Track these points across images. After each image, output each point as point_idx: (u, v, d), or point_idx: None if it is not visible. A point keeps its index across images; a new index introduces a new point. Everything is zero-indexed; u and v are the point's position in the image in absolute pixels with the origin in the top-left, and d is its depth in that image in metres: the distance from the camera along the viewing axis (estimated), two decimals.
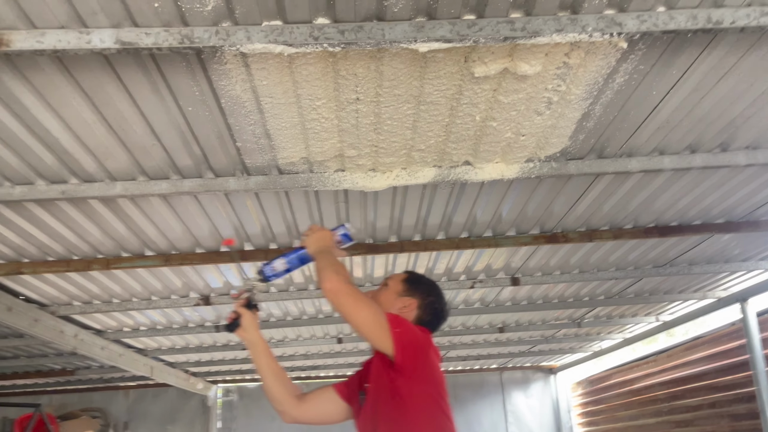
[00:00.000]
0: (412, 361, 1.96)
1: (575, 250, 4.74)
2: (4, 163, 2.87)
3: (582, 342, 8.70)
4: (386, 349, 1.95)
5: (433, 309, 2.26)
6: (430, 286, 2.32)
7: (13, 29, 2.02)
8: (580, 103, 2.71)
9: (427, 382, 2.01)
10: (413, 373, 1.97)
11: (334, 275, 1.98)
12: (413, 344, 2.00)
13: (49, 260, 4.11)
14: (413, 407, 1.94)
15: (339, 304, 1.96)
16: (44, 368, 8.12)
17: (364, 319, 1.95)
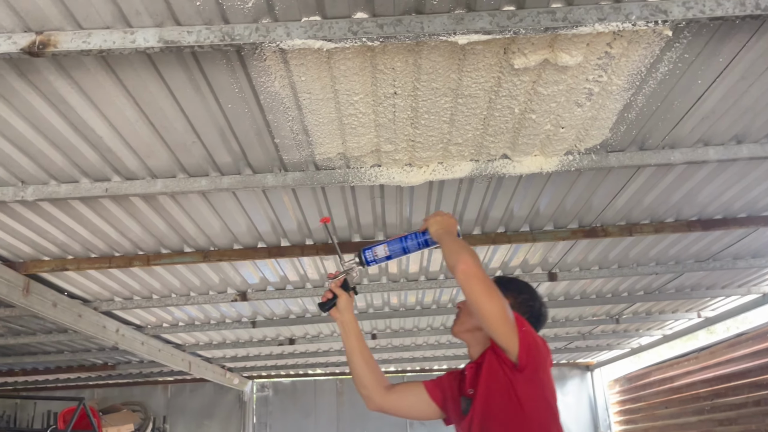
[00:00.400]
0: (534, 364, 1.88)
1: (614, 245, 4.66)
2: (50, 162, 2.94)
3: (620, 339, 8.56)
4: (509, 345, 1.86)
5: (528, 307, 2.15)
6: (521, 285, 2.23)
7: (60, 30, 2.07)
8: (621, 93, 2.65)
9: (545, 388, 1.94)
10: (533, 376, 1.89)
11: (469, 258, 1.90)
12: (536, 347, 1.91)
13: (92, 257, 4.20)
14: (530, 410, 1.87)
15: (471, 289, 1.86)
16: (87, 363, 8.32)
17: (494, 308, 1.84)
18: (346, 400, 11.15)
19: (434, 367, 10.64)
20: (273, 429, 11.10)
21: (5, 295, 4.04)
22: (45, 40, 2.06)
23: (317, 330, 7.37)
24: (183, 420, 10.77)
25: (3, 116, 2.57)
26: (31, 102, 2.50)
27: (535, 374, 1.90)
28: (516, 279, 2.29)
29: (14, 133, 2.70)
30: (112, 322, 5.64)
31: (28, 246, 3.94)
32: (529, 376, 1.88)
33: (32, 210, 3.44)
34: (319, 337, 7.65)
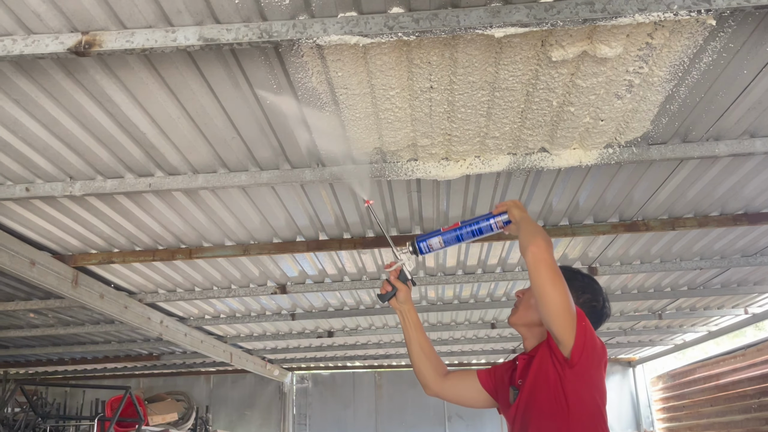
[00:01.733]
0: (586, 362, 1.84)
1: (657, 239, 4.57)
2: (97, 158, 3.04)
3: (663, 334, 8.39)
4: (565, 337, 1.82)
5: (590, 307, 2.07)
6: (585, 283, 2.14)
7: (105, 30, 2.13)
8: (663, 85, 2.60)
9: (594, 388, 1.90)
10: (584, 373, 1.85)
11: (543, 242, 1.83)
12: (593, 345, 1.86)
13: (136, 250, 4.33)
14: (574, 407, 1.84)
15: (538, 273, 1.81)
16: (132, 353, 8.58)
17: (557, 298, 1.79)
18: (384, 392, 11.21)
19: (472, 361, 10.61)
20: (312, 420, 11.25)
21: (55, 286, 4.19)
22: (90, 39, 2.13)
23: (355, 323, 7.43)
24: (225, 410, 11.00)
25: (52, 114, 2.67)
26: (78, 100, 2.58)
27: (585, 372, 1.86)
28: (581, 274, 2.20)
29: (62, 130, 2.79)
30: (156, 314, 5.80)
31: (76, 239, 4.08)
32: (579, 372, 1.85)
33: (80, 205, 3.56)
34: (358, 330, 7.71)
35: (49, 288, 4.18)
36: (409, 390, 11.01)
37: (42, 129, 2.78)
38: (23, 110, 2.63)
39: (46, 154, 2.98)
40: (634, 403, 10.78)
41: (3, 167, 3.08)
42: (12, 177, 3.19)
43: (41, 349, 7.61)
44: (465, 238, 2.16)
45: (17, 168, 3.09)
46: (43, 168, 3.11)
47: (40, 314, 6.04)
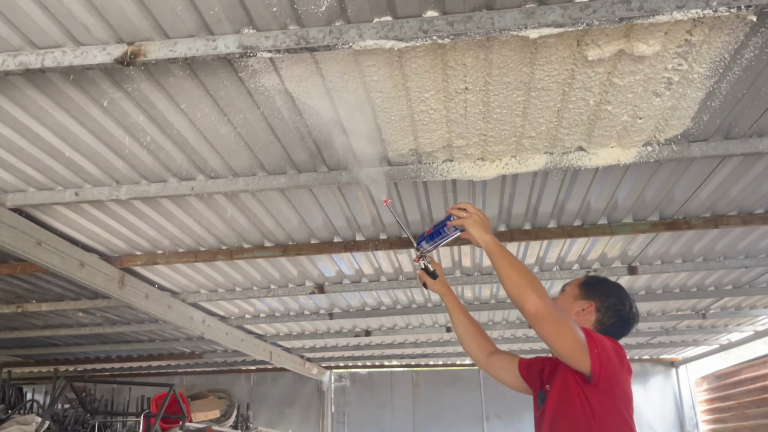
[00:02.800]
0: (607, 379, 1.89)
1: (699, 237, 4.48)
2: (141, 163, 3.14)
3: (707, 334, 8.19)
4: (584, 369, 1.89)
5: (615, 311, 2.14)
6: (610, 288, 2.21)
7: (150, 40, 2.21)
8: (703, 81, 2.56)
9: (619, 399, 1.95)
10: (609, 390, 1.91)
11: (533, 296, 1.85)
12: (611, 364, 1.91)
13: (179, 251, 4.44)
14: (602, 421, 1.89)
15: (541, 329, 1.86)
16: (176, 351, 8.78)
17: (566, 345, 1.86)
18: (422, 392, 11.22)
19: None
20: (351, 418, 11.33)
21: (103, 287, 4.34)
22: (136, 50, 2.21)
23: (392, 322, 7.46)
24: (265, 407, 11.16)
25: (99, 122, 2.77)
26: (124, 108, 2.68)
27: (609, 388, 1.91)
28: (606, 281, 2.26)
29: (109, 137, 2.90)
30: (198, 313, 5.94)
31: (122, 242, 4.21)
32: (603, 390, 1.90)
33: (126, 208, 3.68)
34: (395, 329, 7.74)
35: (97, 288, 4.33)
36: (446, 389, 11.00)
37: (90, 136, 2.89)
38: (73, 118, 2.74)
39: (94, 159, 3.10)
40: (678, 404, 10.54)
41: (54, 173, 3.21)
42: (62, 182, 3.33)
43: (89, 347, 7.87)
44: (438, 242, 2.27)
45: (67, 173, 3.22)
46: (91, 173, 3.23)
47: (89, 313, 6.24)
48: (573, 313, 2.15)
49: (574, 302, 2.19)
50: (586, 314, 2.15)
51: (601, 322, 2.14)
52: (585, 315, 2.15)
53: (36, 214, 3.68)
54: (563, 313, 1.92)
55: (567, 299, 2.22)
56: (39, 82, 2.50)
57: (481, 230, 2.07)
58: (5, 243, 3.41)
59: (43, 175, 3.24)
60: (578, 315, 2.15)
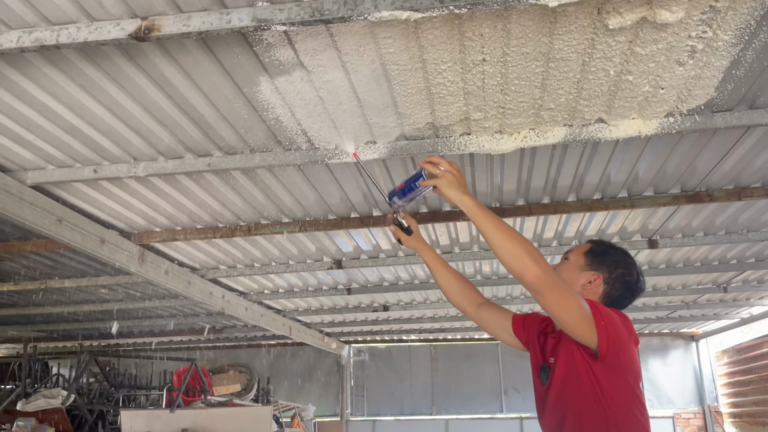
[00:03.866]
0: (615, 354, 1.82)
1: (721, 210, 4.41)
2: (158, 140, 3.15)
3: (728, 308, 8.12)
4: (589, 342, 1.81)
5: (623, 283, 2.04)
6: (618, 257, 2.08)
7: (163, 15, 2.19)
8: (728, 49, 2.48)
9: (627, 372, 1.88)
10: (616, 364, 1.84)
11: (533, 264, 1.73)
12: (618, 337, 1.83)
13: (198, 228, 4.48)
14: (612, 397, 1.84)
15: (544, 299, 1.76)
16: (196, 326, 8.91)
17: (572, 316, 1.77)
18: (440, 366, 11.31)
19: None
20: (370, 392, 11.46)
21: (124, 263, 4.39)
22: (150, 25, 2.19)
23: (410, 297, 7.49)
24: (285, 381, 11.34)
25: (115, 98, 2.77)
26: (140, 84, 2.67)
27: (616, 361, 1.84)
28: (613, 248, 2.14)
29: (126, 113, 2.90)
30: (218, 289, 6.00)
31: (141, 218, 4.25)
32: (610, 364, 1.83)
33: (144, 185, 3.71)
34: (413, 304, 7.77)
35: (118, 265, 4.38)
36: (464, 363, 11.07)
37: (107, 112, 2.89)
38: (89, 95, 2.75)
39: (111, 136, 3.11)
40: (698, 378, 10.52)
41: (72, 150, 3.23)
42: (80, 159, 3.35)
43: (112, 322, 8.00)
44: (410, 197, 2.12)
45: (85, 151, 3.24)
46: (109, 150, 3.24)
47: (110, 289, 6.34)
48: (579, 285, 2.04)
49: (580, 273, 2.07)
50: (593, 287, 2.04)
51: (609, 294, 2.04)
52: (592, 287, 2.04)
53: (56, 191, 3.72)
54: (566, 282, 1.84)
55: (572, 269, 2.09)
56: (55, 59, 2.50)
57: (457, 190, 1.93)
58: (27, 220, 3.46)
59: (62, 152, 3.26)
60: (584, 288, 2.04)
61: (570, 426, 1.90)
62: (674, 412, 10.46)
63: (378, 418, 11.31)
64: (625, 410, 1.85)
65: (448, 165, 1.97)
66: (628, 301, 2.09)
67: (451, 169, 1.96)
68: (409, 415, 11.22)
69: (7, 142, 3.12)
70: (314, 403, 10.74)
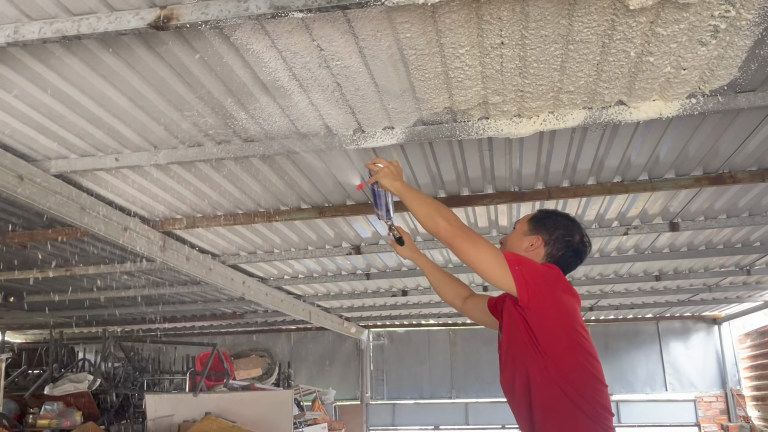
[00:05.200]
0: (537, 296, 1.94)
1: (745, 192, 4.35)
2: (178, 128, 3.18)
3: (751, 291, 8.03)
4: (509, 288, 1.96)
5: (564, 243, 2.17)
6: (558, 220, 2.23)
7: (181, 3, 2.20)
8: (752, 29, 2.43)
9: (558, 313, 1.98)
10: (541, 307, 1.94)
11: (442, 220, 2.03)
12: (536, 279, 1.96)
13: (218, 215, 4.52)
14: (547, 342, 1.93)
15: (457, 249, 2.00)
16: (218, 312, 9.02)
17: (483, 260, 1.97)
18: (459, 350, 11.34)
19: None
20: (389, 376, 11.54)
21: (146, 250, 4.45)
22: (168, 14, 2.20)
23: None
24: (305, 365, 11.45)
25: (135, 87, 2.80)
26: (159, 72, 2.70)
27: (543, 306, 1.93)
28: (554, 213, 2.28)
29: (146, 102, 2.93)
30: (238, 275, 6.06)
31: (163, 206, 4.30)
32: (537, 309, 1.93)
33: (165, 172, 3.75)
34: (431, 288, 7.76)
35: (140, 252, 4.45)
36: (483, 347, 11.09)
37: (127, 101, 2.92)
38: (110, 84, 2.78)
39: (132, 125, 3.14)
40: (720, 362, 10.44)
41: (94, 139, 3.28)
42: (102, 148, 3.39)
43: (135, 308, 8.13)
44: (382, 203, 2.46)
45: (107, 139, 3.28)
46: (130, 139, 3.28)
47: (133, 276, 6.43)
48: (522, 249, 2.18)
49: (524, 238, 2.22)
50: (535, 249, 2.18)
51: (551, 254, 2.17)
52: (534, 250, 2.18)
53: (79, 180, 3.77)
54: (478, 234, 2.02)
55: (517, 236, 2.26)
56: (76, 49, 2.53)
57: (390, 179, 2.24)
58: (51, 209, 3.51)
59: (84, 141, 3.30)
60: (527, 251, 2.18)
61: (520, 379, 2.00)
62: (696, 395, 10.41)
63: (398, 402, 11.40)
64: (565, 357, 1.92)
65: (386, 162, 2.29)
66: (573, 261, 2.20)
67: (389, 165, 2.28)
68: (429, 398, 11.29)
69: (32, 132, 3.17)
70: (334, 386, 10.84)
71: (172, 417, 6.11)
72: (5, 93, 2.81)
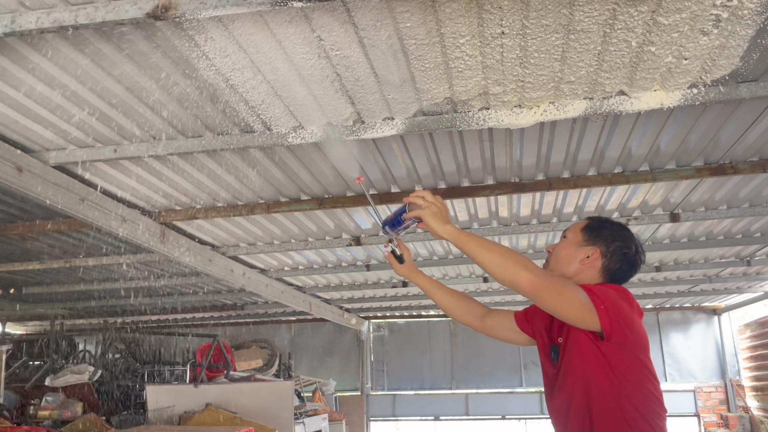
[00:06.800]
0: (621, 333, 1.84)
1: (745, 182, 4.34)
2: (177, 119, 3.16)
3: (751, 282, 8.03)
4: (594, 328, 1.84)
5: (621, 255, 2.08)
6: (614, 231, 2.13)
7: None
8: (754, 18, 2.42)
9: (636, 347, 1.90)
10: (623, 341, 1.85)
11: (525, 272, 1.79)
12: (621, 315, 1.86)
13: (218, 206, 4.51)
14: (623, 373, 1.85)
15: (543, 301, 1.82)
16: (218, 303, 9.03)
17: (572, 309, 1.82)
18: (459, 341, 11.37)
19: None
20: (389, 367, 11.58)
21: (145, 241, 4.45)
22: (166, 3, 2.18)
23: (429, 273, 7.46)
24: (306, 356, 11.48)
25: (134, 77, 2.78)
26: (157, 63, 2.68)
27: (623, 339, 1.85)
28: (609, 223, 2.18)
29: (145, 93, 2.92)
30: (238, 266, 6.06)
31: (162, 197, 4.29)
32: (617, 342, 1.84)
33: (163, 163, 3.74)
34: None
35: (140, 243, 4.44)
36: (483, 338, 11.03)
37: (126, 92, 2.91)
38: (108, 74, 2.76)
39: (130, 116, 3.13)
40: (720, 352, 10.46)
41: (93, 130, 3.26)
42: (101, 139, 3.38)
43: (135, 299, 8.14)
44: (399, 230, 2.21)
45: (105, 130, 3.27)
46: (128, 129, 3.27)
47: (133, 267, 6.44)
48: (578, 261, 2.08)
49: (578, 249, 2.11)
50: (591, 261, 2.08)
51: (608, 267, 2.08)
52: (590, 262, 2.08)
53: (78, 171, 3.76)
54: (558, 277, 1.87)
55: (570, 246, 2.14)
56: (74, 40, 2.51)
57: (440, 222, 1.97)
58: (50, 200, 3.51)
59: (83, 132, 3.29)
60: (583, 262, 2.08)
61: (577, 407, 1.90)
62: (696, 385, 10.44)
63: (398, 393, 11.44)
64: (637, 385, 1.87)
65: (432, 197, 2.02)
66: (629, 274, 2.12)
67: (435, 201, 2.01)
68: (429, 389, 11.33)
69: (30, 123, 3.16)
70: (335, 377, 10.87)
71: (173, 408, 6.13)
72: (3, 83, 2.79)
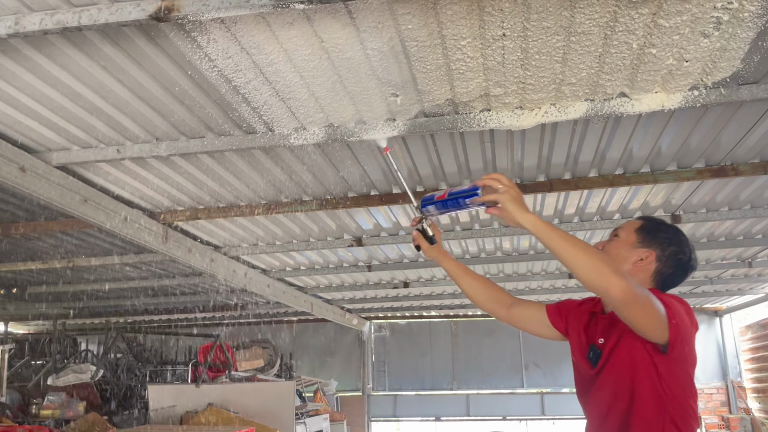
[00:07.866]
0: (682, 349, 1.80)
1: (746, 184, 4.34)
2: (180, 120, 3.18)
3: (753, 283, 8.03)
4: (658, 341, 1.77)
5: (676, 261, 2.00)
6: (670, 235, 2.04)
7: None
8: (755, 20, 2.42)
9: (687, 362, 1.86)
10: (680, 357, 1.82)
11: (617, 278, 1.65)
12: (686, 332, 1.80)
13: (220, 206, 4.53)
14: (670, 388, 1.82)
15: (628, 313, 1.71)
16: (220, 303, 9.04)
17: (651, 324, 1.73)
18: (460, 341, 11.37)
19: None
20: (391, 367, 11.59)
21: (148, 242, 4.46)
22: (169, 5, 2.20)
23: (430, 274, 7.52)
24: (308, 356, 11.49)
25: (137, 79, 2.80)
26: (160, 64, 2.69)
27: (681, 354, 1.81)
28: (665, 225, 2.08)
29: (147, 93, 2.93)
30: (240, 266, 6.08)
31: (164, 197, 4.31)
32: (675, 357, 1.80)
33: (166, 164, 3.75)
34: (433, 280, 7.80)
35: (142, 243, 4.46)
36: (485, 339, 11.11)
37: (129, 93, 2.92)
38: (111, 76, 2.78)
39: (133, 117, 3.14)
40: (721, 354, 10.46)
41: (96, 131, 3.28)
42: (104, 140, 3.39)
43: (137, 299, 8.16)
44: (449, 210, 2.06)
45: (108, 131, 3.28)
46: (131, 130, 3.28)
47: (135, 267, 6.45)
48: (631, 262, 2.00)
49: (632, 250, 2.02)
50: (645, 264, 2.00)
51: (660, 272, 2.00)
52: (644, 265, 2.00)
53: (80, 171, 3.78)
54: (643, 288, 1.75)
55: (623, 246, 2.04)
56: (77, 41, 2.52)
57: (521, 208, 1.83)
58: (53, 200, 3.52)
59: (86, 132, 3.30)
60: (635, 265, 2.00)
61: (617, 411, 1.87)
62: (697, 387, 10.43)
63: (399, 393, 11.44)
64: (681, 400, 1.84)
65: (509, 181, 1.87)
66: (680, 279, 2.05)
67: (513, 186, 1.87)
68: (430, 390, 11.33)
69: (33, 124, 3.18)
70: (336, 378, 10.88)
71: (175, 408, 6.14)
72: (6, 84, 2.81)
